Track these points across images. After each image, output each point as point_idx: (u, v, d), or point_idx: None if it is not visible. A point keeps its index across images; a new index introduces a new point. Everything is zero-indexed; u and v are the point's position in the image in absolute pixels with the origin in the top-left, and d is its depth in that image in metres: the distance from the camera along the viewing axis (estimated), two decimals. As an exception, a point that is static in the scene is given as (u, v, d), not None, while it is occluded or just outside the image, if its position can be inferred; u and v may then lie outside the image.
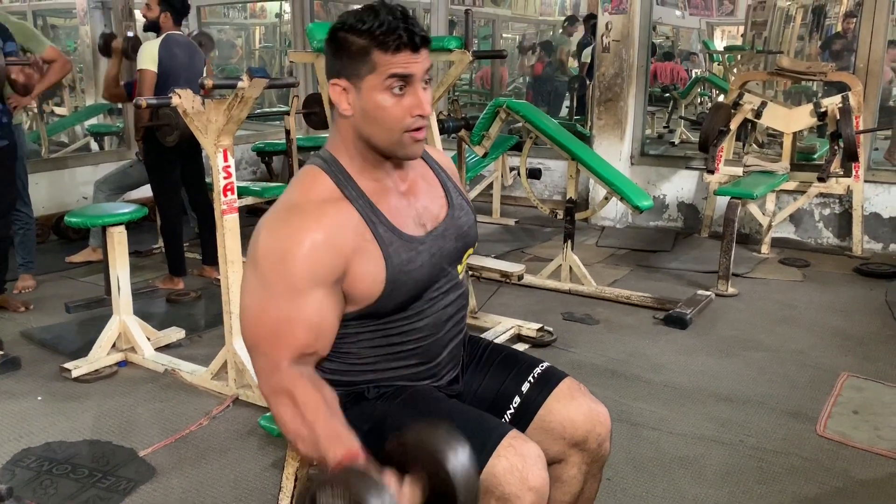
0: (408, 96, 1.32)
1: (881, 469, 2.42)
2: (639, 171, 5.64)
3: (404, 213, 1.41)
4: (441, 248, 1.45)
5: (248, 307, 1.34)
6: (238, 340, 2.85)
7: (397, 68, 1.29)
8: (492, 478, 1.30)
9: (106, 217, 3.12)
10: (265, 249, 1.32)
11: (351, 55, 1.30)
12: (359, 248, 1.33)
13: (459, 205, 1.52)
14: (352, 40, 1.29)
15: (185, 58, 4.02)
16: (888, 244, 4.97)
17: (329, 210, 1.32)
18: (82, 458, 2.44)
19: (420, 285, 1.41)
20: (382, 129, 1.33)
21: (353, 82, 1.31)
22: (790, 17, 8.61)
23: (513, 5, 11.43)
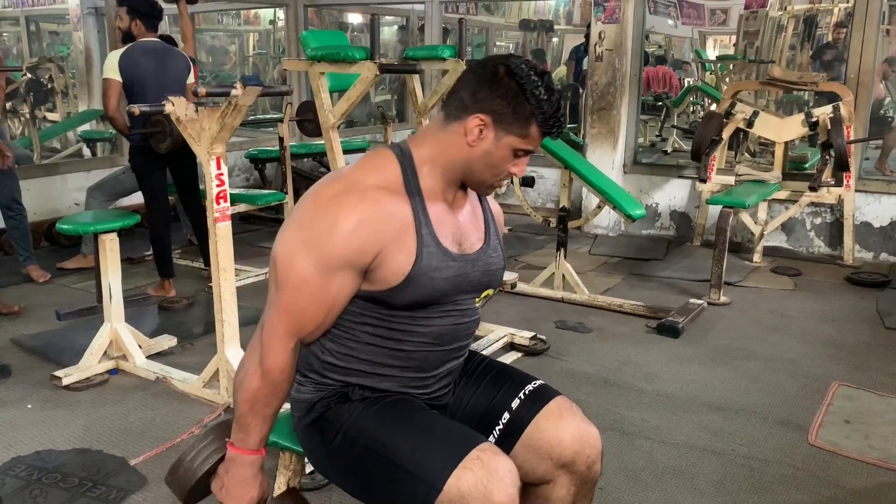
0: (519, 159, 1.43)
1: (872, 478, 2.43)
2: (631, 179, 5.66)
3: (448, 225, 1.45)
4: (468, 274, 1.47)
5: (286, 256, 1.37)
6: (230, 348, 2.84)
7: (533, 147, 1.41)
8: (456, 490, 1.29)
9: (98, 224, 3.10)
10: (318, 213, 1.36)
11: (514, 109, 1.35)
12: (398, 240, 1.37)
13: (494, 246, 1.56)
14: (522, 99, 1.35)
15: (152, 64, 3.94)
16: (879, 253, 4.99)
17: (386, 198, 1.37)
18: (72, 467, 2.43)
19: (436, 295, 1.43)
20: (489, 173, 1.43)
21: (499, 127, 1.37)
22: (782, 27, 8.66)
23: (506, 14, 11.46)
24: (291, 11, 7.09)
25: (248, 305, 3.74)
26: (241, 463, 1.45)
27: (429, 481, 1.31)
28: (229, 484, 1.46)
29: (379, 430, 1.41)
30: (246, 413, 1.43)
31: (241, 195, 4.44)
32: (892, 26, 9.36)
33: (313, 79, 3.51)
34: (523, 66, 1.36)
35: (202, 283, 4.31)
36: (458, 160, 1.41)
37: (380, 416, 1.43)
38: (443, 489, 1.30)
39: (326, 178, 1.45)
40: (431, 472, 1.32)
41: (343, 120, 3.59)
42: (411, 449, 1.36)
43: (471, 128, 1.37)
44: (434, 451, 1.34)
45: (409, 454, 1.35)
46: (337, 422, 1.46)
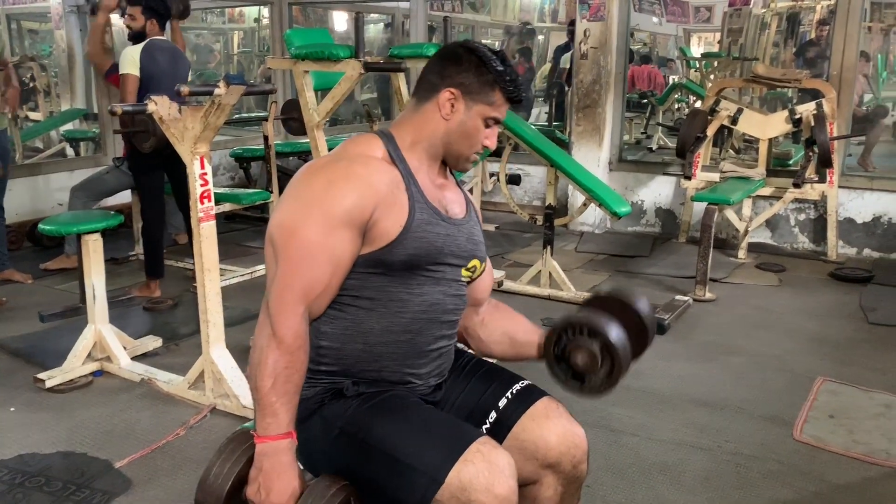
0: (489, 130, 1.55)
1: (856, 473, 2.44)
2: (617, 177, 5.68)
3: (432, 193, 1.53)
4: (455, 237, 1.53)
5: (285, 224, 1.42)
6: (216, 349, 2.82)
7: (499, 114, 1.53)
8: (458, 483, 1.30)
9: (81, 225, 3.07)
10: (313, 177, 1.45)
11: (479, 79, 1.50)
12: (391, 196, 1.44)
13: (475, 220, 1.64)
14: (484, 69, 1.49)
15: (168, 64, 4.01)
16: (862, 249, 5.03)
17: (374, 162, 1.47)
18: (56, 471, 2.40)
19: (431, 248, 1.48)
20: (465, 143, 1.53)
21: (468, 98, 1.50)
22: (765, 24, 8.71)
23: (492, 11, 11.46)
24: (276, 9, 7.06)
25: (233, 306, 3.73)
26: (275, 451, 1.36)
27: (430, 475, 1.32)
28: (267, 481, 1.35)
29: (377, 425, 1.41)
30: (269, 392, 1.35)
31: (225, 194, 4.42)
32: (873, 24, 9.45)
33: (298, 77, 3.49)
34: (480, 46, 1.53)
35: (187, 283, 4.28)
36: (436, 134, 1.52)
37: (377, 411, 1.44)
38: (444, 482, 1.31)
39: (318, 158, 1.56)
40: (432, 465, 1.32)
41: (328, 118, 3.58)
42: (411, 443, 1.37)
43: (443, 101, 1.50)
44: (434, 445, 1.35)
45: (409, 448, 1.36)
46: (332, 418, 1.45)
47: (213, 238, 2.81)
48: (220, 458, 1.42)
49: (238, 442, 1.45)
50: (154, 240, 4.14)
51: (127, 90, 3.92)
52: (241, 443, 1.44)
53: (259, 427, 1.37)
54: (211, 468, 1.42)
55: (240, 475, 1.40)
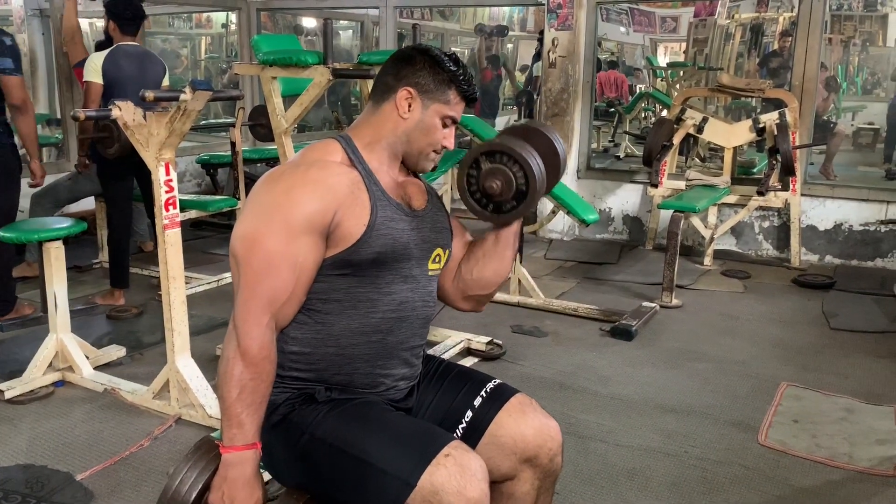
0: (447, 130, 1.56)
1: (819, 476, 2.48)
2: (585, 184, 5.72)
3: (395, 192, 1.54)
4: (419, 228, 1.54)
5: (245, 236, 1.42)
6: (181, 358, 2.78)
7: (455, 113, 1.55)
8: (430, 486, 1.31)
9: (42, 232, 3.01)
10: (272, 186, 1.45)
11: (434, 79, 1.52)
12: (352, 196, 1.45)
13: (438, 208, 1.65)
14: (439, 69, 1.52)
15: (134, 69, 3.93)
16: (824, 256, 5.13)
17: (333, 165, 1.48)
18: (15, 483, 2.34)
19: (397, 245, 1.48)
20: (423, 142, 1.54)
21: (424, 97, 1.52)
22: (730, 34, 8.87)
23: (461, 20, 11.51)
24: (244, 15, 7.01)
25: (199, 314, 3.68)
26: (240, 461, 1.37)
27: (402, 479, 1.32)
28: (231, 490, 1.37)
29: (347, 429, 1.41)
30: (235, 403, 1.36)
31: (191, 201, 4.36)
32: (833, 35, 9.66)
33: (265, 83, 3.47)
34: (432, 48, 1.56)
35: (152, 291, 4.21)
36: (395, 133, 1.53)
37: (348, 415, 1.44)
38: (416, 486, 1.31)
39: (280, 166, 1.55)
40: (404, 469, 1.33)
41: (296, 125, 3.56)
42: (382, 448, 1.37)
43: (400, 100, 1.51)
44: (405, 449, 1.36)
45: (379, 453, 1.36)
46: (303, 423, 1.45)
47: (179, 245, 2.77)
48: (186, 467, 1.41)
49: (204, 451, 1.44)
50: (121, 249, 4.07)
51: (89, 98, 3.85)
52: (206, 452, 1.43)
53: (225, 437, 1.38)
54: (176, 476, 1.41)
55: (206, 485, 1.41)
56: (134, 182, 4.10)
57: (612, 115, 9.07)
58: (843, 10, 10.39)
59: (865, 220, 4.99)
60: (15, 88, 3.52)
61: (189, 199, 4.36)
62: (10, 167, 3.65)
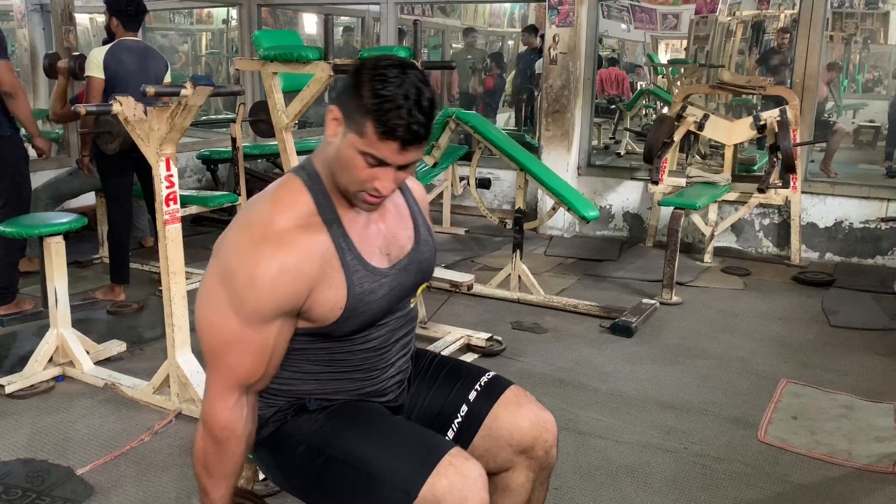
0: (378, 169, 1.29)
1: (819, 473, 2.49)
2: (585, 181, 5.72)
3: (372, 240, 1.41)
4: (402, 283, 1.46)
5: (209, 319, 1.34)
6: (181, 354, 2.78)
7: (376, 152, 1.27)
8: (431, 496, 1.29)
9: (43, 227, 3.01)
10: (235, 267, 1.30)
11: (356, 103, 1.26)
12: (325, 275, 1.33)
13: (425, 240, 1.53)
14: (364, 93, 1.25)
15: (135, 64, 3.93)
16: (824, 253, 5.13)
17: (303, 237, 1.31)
18: (16, 478, 2.35)
19: (377, 316, 1.43)
20: (344, 177, 1.32)
21: (346, 123, 1.29)
22: (731, 32, 8.85)
23: (462, 16, 11.49)
24: (245, 11, 7.00)
25: (200, 309, 3.68)
26: None
27: (403, 489, 1.31)
28: None
29: (344, 439, 1.39)
30: (200, 472, 1.40)
31: (192, 197, 4.36)
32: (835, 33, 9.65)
33: (266, 79, 3.46)
34: (384, 61, 1.27)
35: (153, 286, 4.22)
36: (328, 161, 1.34)
37: (343, 424, 1.42)
38: (418, 496, 1.29)
39: (238, 224, 1.35)
40: (404, 479, 1.31)
41: (296, 120, 3.55)
42: (381, 457, 1.35)
43: (328, 120, 1.32)
44: (405, 458, 1.34)
45: (379, 462, 1.34)
46: (297, 434, 1.43)
47: (179, 241, 2.77)
48: None
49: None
50: (121, 244, 4.08)
51: (91, 94, 3.85)
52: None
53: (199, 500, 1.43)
54: None
55: None
56: (134, 177, 4.10)
57: (613, 111, 9.06)
58: (845, 7, 10.38)
59: (866, 217, 4.99)
60: (3, 73, 3.51)
61: (190, 195, 4.36)
62: (17, 158, 3.66)
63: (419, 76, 1.27)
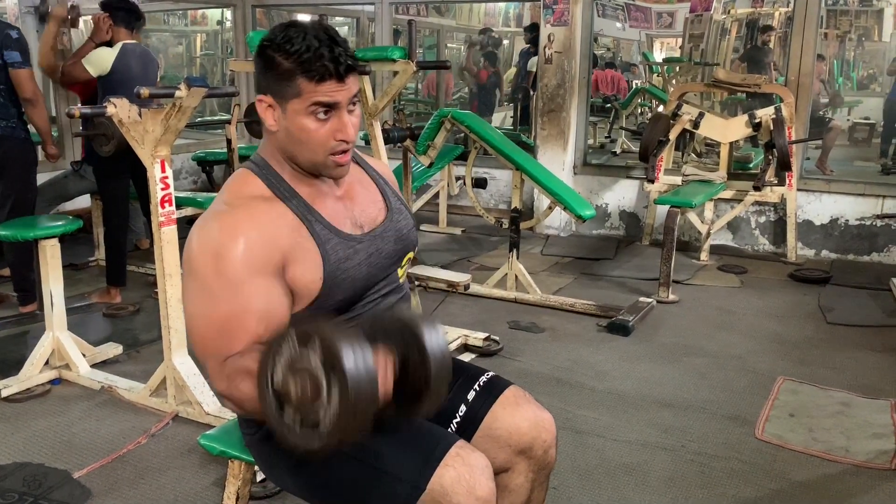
0: (332, 120, 1.32)
1: (816, 470, 2.49)
2: (581, 180, 5.72)
3: (341, 215, 1.42)
4: (379, 249, 1.46)
5: (193, 314, 1.32)
6: (178, 356, 2.78)
7: (321, 97, 1.29)
8: (439, 488, 1.30)
9: (38, 230, 3.00)
10: (199, 250, 1.32)
11: (277, 76, 1.30)
12: (295, 245, 1.33)
13: (398, 209, 1.54)
14: (279, 61, 1.29)
15: (139, 68, 3.95)
16: (820, 250, 5.14)
17: (261, 206, 1.33)
18: (12, 482, 2.34)
19: (359, 284, 1.42)
20: (306, 150, 1.35)
21: (279, 101, 1.32)
22: (726, 30, 8.87)
23: (457, 16, 11.49)
24: (239, 12, 6.99)
25: (196, 311, 3.67)
26: None
27: (411, 482, 1.31)
28: None
29: None
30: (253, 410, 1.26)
31: (187, 198, 4.33)
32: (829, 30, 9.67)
33: (261, 80, 3.46)
34: (277, 28, 1.32)
35: (149, 288, 4.21)
36: (281, 150, 1.37)
37: None
38: (427, 489, 1.30)
39: (197, 226, 1.36)
40: (412, 472, 1.32)
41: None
42: (388, 451, 1.35)
43: (262, 115, 1.35)
44: (412, 452, 1.34)
45: (386, 456, 1.35)
46: None
47: (175, 243, 2.76)
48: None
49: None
50: (118, 247, 4.07)
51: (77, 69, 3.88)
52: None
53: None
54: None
55: None
56: (130, 180, 4.09)
57: (609, 110, 9.07)
58: (839, 4, 10.41)
59: (861, 214, 4.99)
60: (25, 81, 3.53)
61: (185, 197, 4.34)
62: (27, 160, 3.69)
63: (314, 22, 1.33)
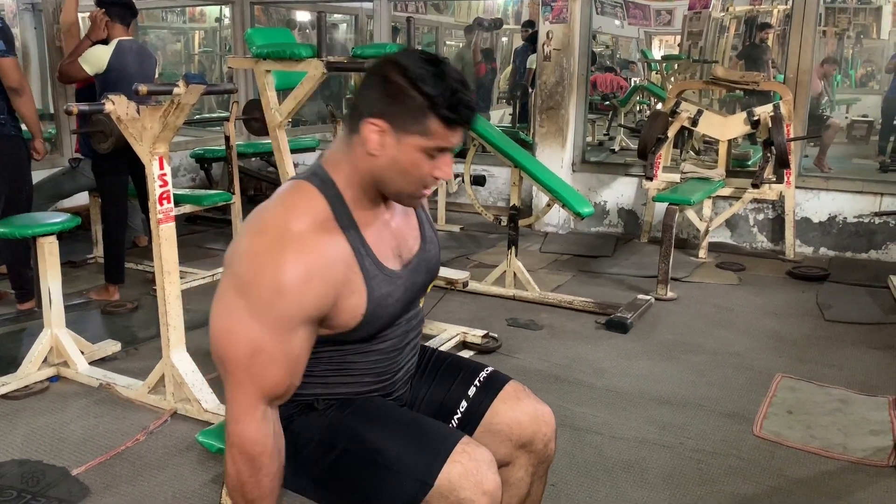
0: (438, 159, 1.31)
1: (814, 467, 2.49)
2: (580, 177, 5.72)
3: (386, 243, 1.40)
4: (413, 283, 1.46)
5: (229, 330, 1.26)
6: (176, 353, 2.78)
7: (446, 143, 1.29)
8: (447, 483, 1.31)
9: (36, 227, 3.00)
10: (256, 275, 1.24)
11: (404, 108, 1.25)
12: (347, 281, 1.31)
13: (430, 238, 1.54)
14: (411, 94, 1.24)
15: (136, 65, 3.94)
16: (818, 248, 5.14)
17: (324, 242, 1.28)
18: (10, 479, 2.34)
19: (393, 319, 1.43)
20: (404, 182, 1.32)
21: (396, 131, 1.27)
22: (724, 27, 8.87)
23: (455, 13, 11.48)
24: (237, 9, 6.98)
25: (194, 309, 3.67)
26: None
27: (419, 478, 1.32)
28: None
29: (358, 431, 1.40)
30: (238, 500, 1.32)
31: (186, 196, 4.35)
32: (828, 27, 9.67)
33: (259, 77, 3.46)
34: (411, 57, 1.27)
35: (147, 286, 4.21)
36: (368, 173, 1.32)
37: (356, 417, 1.42)
38: (434, 484, 1.31)
39: (250, 230, 1.30)
40: (420, 468, 1.32)
41: (290, 118, 3.55)
42: (395, 448, 1.36)
43: (367, 135, 1.28)
44: (419, 448, 1.35)
45: (393, 453, 1.35)
46: (306, 431, 1.43)
47: (173, 240, 2.76)
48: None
49: None
50: (116, 244, 4.06)
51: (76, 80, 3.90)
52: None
53: None
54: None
55: None
56: (128, 177, 4.09)
57: (607, 108, 9.07)
58: (837, 2, 10.41)
59: (859, 212, 5.00)
60: (10, 70, 3.50)
61: (183, 194, 4.35)
62: (19, 157, 3.67)
63: (439, 59, 1.29)
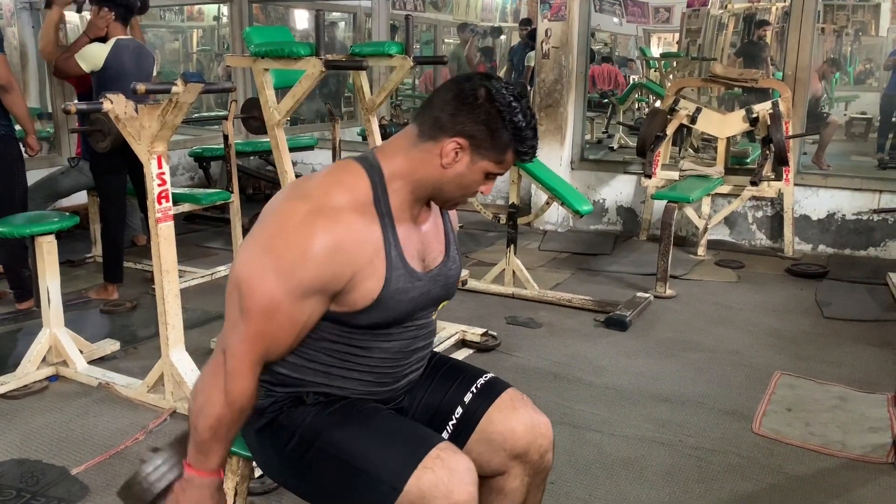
0: (489, 180, 1.43)
1: (813, 464, 2.50)
2: (579, 175, 5.72)
3: (413, 241, 1.44)
4: (430, 291, 1.47)
5: (251, 283, 1.30)
6: (175, 352, 2.77)
7: (505, 171, 1.42)
8: (416, 490, 1.29)
9: (34, 226, 2.99)
10: (288, 235, 1.30)
11: (493, 137, 1.35)
12: (370, 264, 1.35)
13: (453, 258, 1.55)
14: (500, 127, 1.34)
15: (133, 64, 3.94)
16: (817, 245, 5.14)
17: (358, 221, 1.34)
18: (10, 478, 2.34)
19: (401, 316, 1.43)
20: (457, 192, 1.42)
21: (474, 152, 1.36)
22: (723, 25, 8.86)
23: (454, 10, 11.47)
24: (235, 7, 6.97)
25: (193, 307, 3.68)
26: (198, 484, 1.38)
27: (389, 482, 1.31)
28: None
29: (335, 432, 1.39)
30: (208, 439, 1.35)
31: (184, 194, 4.34)
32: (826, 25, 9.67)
33: (257, 75, 3.44)
34: (504, 91, 1.35)
35: (146, 285, 4.20)
36: (429, 179, 1.39)
37: (336, 418, 1.42)
38: (403, 490, 1.29)
39: (292, 193, 1.37)
40: (391, 473, 1.31)
41: (289, 117, 3.54)
42: (369, 450, 1.35)
43: (447, 151, 1.35)
44: (393, 452, 1.34)
45: (367, 456, 1.35)
46: (291, 425, 1.43)
47: (172, 239, 2.76)
48: (151, 467, 1.42)
49: (174, 454, 1.44)
50: (114, 243, 4.06)
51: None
52: (176, 455, 1.43)
53: (190, 457, 1.39)
54: (141, 473, 1.42)
55: (165, 490, 1.42)
56: (127, 176, 4.08)
57: (606, 106, 9.07)
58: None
59: (858, 209, 5.00)
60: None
61: (182, 193, 4.35)
62: (12, 157, 3.66)
63: (523, 94, 1.39)
